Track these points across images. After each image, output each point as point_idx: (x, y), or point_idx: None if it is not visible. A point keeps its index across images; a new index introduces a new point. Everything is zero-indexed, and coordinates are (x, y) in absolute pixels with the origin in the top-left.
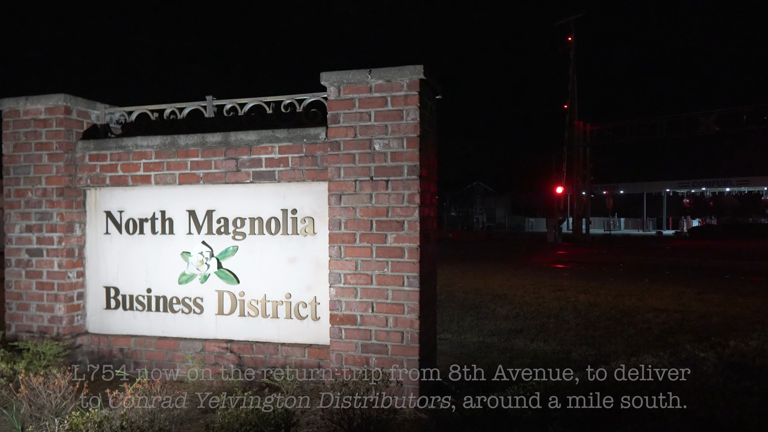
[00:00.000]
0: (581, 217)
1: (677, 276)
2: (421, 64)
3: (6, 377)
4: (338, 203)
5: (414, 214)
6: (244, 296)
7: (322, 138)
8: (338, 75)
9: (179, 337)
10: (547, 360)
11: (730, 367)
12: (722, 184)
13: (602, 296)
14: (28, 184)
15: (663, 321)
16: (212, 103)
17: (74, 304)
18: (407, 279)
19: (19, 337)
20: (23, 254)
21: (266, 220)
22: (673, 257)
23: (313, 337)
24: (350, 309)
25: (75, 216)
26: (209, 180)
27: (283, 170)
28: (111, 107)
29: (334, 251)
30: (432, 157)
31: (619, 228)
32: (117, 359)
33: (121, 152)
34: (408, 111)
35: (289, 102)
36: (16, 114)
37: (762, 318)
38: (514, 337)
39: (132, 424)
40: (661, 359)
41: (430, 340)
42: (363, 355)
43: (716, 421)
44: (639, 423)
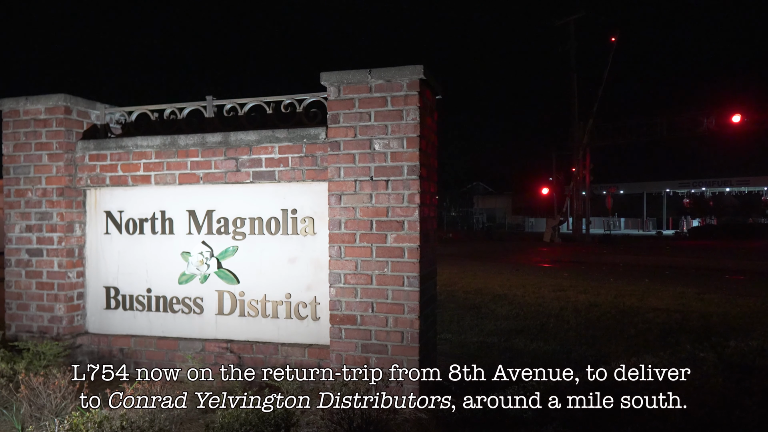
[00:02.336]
0: (581, 217)
1: (677, 276)
2: (421, 64)
3: (6, 377)
4: (338, 203)
5: (414, 214)
6: (244, 296)
7: (322, 138)
8: (338, 75)
9: (179, 337)
10: (547, 360)
11: (730, 367)
12: (722, 184)
13: (602, 296)
14: (28, 184)
15: (663, 321)
16: (212, 103)
17: (74, 304)
18: (407, 279)
19: (19, 337)
20: (23, 254)
21: (266, 220)
22: (673, 257)
23: (313, 337)
24: (350, 309)
25: (75, 216)
26: (209, 180)
27: (283, 170)
28: (111, 107)
29: (334, 251)
30: (432, 157)
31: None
32: (117, 359)
33: (121, 152)
34: (408, 111)
35: (289, 102)
36: (16, 114)
37: (762, 318)
38: (514, 337)
39: (132, 424)
40: (661, 359)
41: (430, 340)
42: (363, 355)
43: (716, 421)
44: (639, 423)
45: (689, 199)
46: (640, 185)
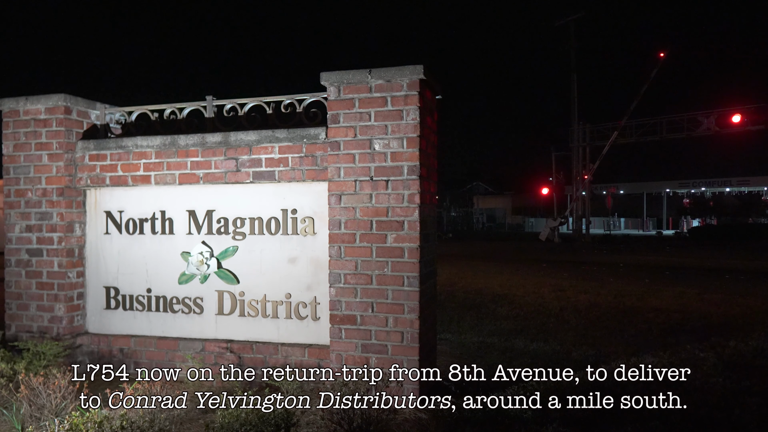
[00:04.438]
0: (581, 217)
1: (677, 276)
2: (421, 64)
3: (6, 377)
4: (338, 203)
5: (414, 214)
6: (244, 296)
7: (322, 138)
8: (338, 75)
9: (179, 337)
10: (547, 360)
11: (729, 367)
12: (722, 184)
13: (602, 296)
14: (28, 184)
15: (663, 321)
16: (212, 103)
17: (74, 304)
18: (407, 279)
19: (19, 337)
20: (23, 254)
21: (266, 220)
22: (673, 257)
23: (313, 337)
24: (350, 309)
25: (75, 216)
26: (209, 180)
27: (283, 170)
28: (111, 107)
29: (334, 251)
30: (432, 157)
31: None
32: (117, 359)
33: (121, 152)
34: (408, 111)
35: (289, 102)
36: (16, 114)
37: (762, 318)
38: (514, 337)
39: (132, 424)
40: (661, 359)
41: (430, 340)
42: (363, 355)
43: (716, 421)
44: (639, 423)
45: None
46: (640, 185)
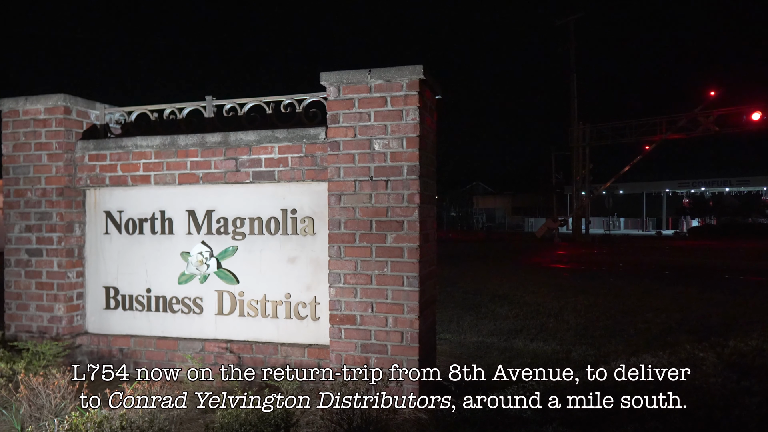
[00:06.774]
0: (581, 217)
1: (677, 276)
2: (420, 64)
3: (5, 377)
4: (338, 203)
5: (414, 214)
6: (243, 296)
7: (321, 138)
8: (338, 75)
9: (179, 337)
10: (547, 360)
11: (729, 367)
12: (722, 184)
13: (602, 296)
14: (27, 184)
15: (663, 321)
16: (212, 103)
17: (74, 304)
18: (407, 279)
19: (19, 337)
20: (23, 254)
21: (266, 220)
22: (673, 257)
23: (313, 337)
24: (350, 309)
25: (74, 216)
26: (209, 180)
27: (283, 170)
28: (110, 107)
29: (333, 251)
30: (432, 156)
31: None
32: (117, 359)
33: (120, 152)
34: (408, 111)
35: (289, 102)
36: (16, 114)
37: (762, 318)
38: (513, 337)
39: (132, 424)
40: (661, 359)
41: (430, 340)
42: (363, 355)
43: (716, 421)
44: (639, 423)
45: (689, 199)
46: (639, 185)
